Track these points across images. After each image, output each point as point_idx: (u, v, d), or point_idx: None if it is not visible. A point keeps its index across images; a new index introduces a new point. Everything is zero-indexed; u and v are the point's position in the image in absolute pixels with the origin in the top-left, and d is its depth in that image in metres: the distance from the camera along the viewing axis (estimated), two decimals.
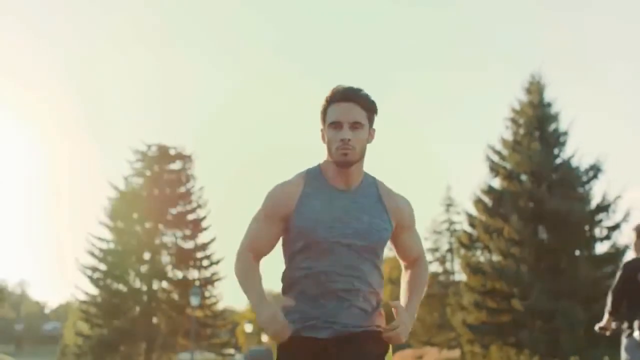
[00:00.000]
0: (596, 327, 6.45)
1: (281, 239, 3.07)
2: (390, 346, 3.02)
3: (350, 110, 2.95)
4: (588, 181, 29.05)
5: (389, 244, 3.11)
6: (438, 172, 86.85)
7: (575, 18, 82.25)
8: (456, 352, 37.74)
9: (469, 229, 31.01)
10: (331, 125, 2.97)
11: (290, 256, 3.04)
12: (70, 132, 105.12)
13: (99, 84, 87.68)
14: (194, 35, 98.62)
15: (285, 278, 3.06)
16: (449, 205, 42.26)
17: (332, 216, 2.96)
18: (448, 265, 42.43)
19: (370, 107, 3.00)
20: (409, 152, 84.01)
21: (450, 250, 41.84)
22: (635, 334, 6.00)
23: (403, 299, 3.09)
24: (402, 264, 3.23)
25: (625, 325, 6.18)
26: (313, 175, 3.06)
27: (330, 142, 2.97)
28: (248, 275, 3.04)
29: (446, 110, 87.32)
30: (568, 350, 26.93)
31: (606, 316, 6.36)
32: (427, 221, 42.70)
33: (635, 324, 6.02)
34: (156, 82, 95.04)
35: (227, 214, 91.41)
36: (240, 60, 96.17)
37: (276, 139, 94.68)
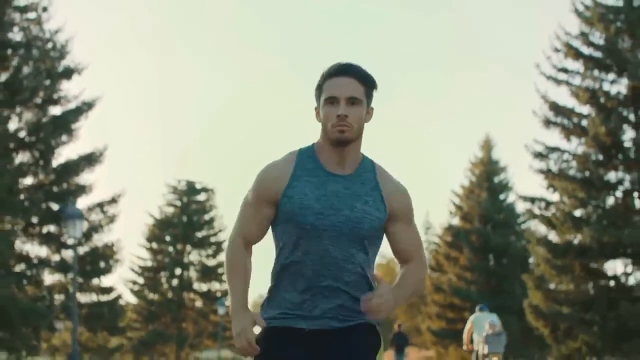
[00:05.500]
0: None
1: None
2: (382, 344, 3.08)
3: (347, 85, 2.92)
4: (525, 221, 40.45)
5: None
6: (435, 174, 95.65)
7: None
8: (432, 352, 49.27)
9: (435, 254, 42.68)
10: (327, 100, 2.93)
11: (277, 243, 3.05)
12: None
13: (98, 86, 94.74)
14: (194, 39, 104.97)
15: (275, 265, 3.05)
16: (428, 228, 53.76)
17: (322, 202, 2.93)
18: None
19: (368, 82, 2.97)
20: (405, 156, 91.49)
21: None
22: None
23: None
24: (398, 262, 3.13)
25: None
26: (306, 156, 3.02)
27: (326, 119, 2.93)
28: (235, 271, 3.02)
29: (444, 112, 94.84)
30: (507, 351, 38.45)
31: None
32: None
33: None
34: (155, 86, 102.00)
35: None
36: (241, 65, 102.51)
37: (281, 146, 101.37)
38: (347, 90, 2.91)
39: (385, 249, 3.07)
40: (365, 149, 3.05)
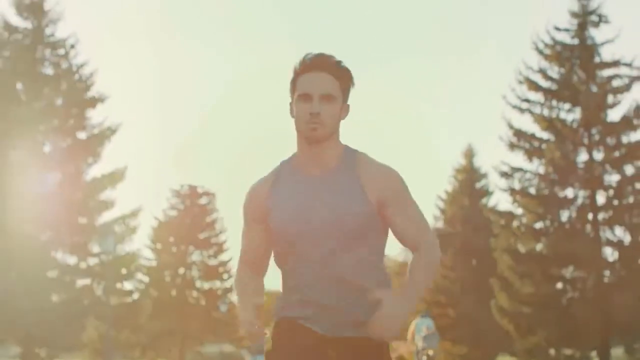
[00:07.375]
0: None
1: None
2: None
3: (320, 81, 2.86)
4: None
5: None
6: (429, 162, 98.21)
7: None
8: None
9: None
10: (300, 97, 2.89)
11: (274, 259, 3.07)
12: None
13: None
14: (197, 27, 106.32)
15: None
16: None
17: (299, 208, 2.92)
18: None
19: (343, 77, 2.91)
20: (401, 140, 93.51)
21: None
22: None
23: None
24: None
25: None
26: (285, 166, 3.01)
27: (299, 116, 2.90)
28: (241, 291, 3.04)
29: (429, 115, 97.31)
30: (487, 343, 42.99)
31: None
32: None
33: None
34: (157, 74, 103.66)
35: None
36: (243, 52, 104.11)
37: (284, 142, 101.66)
38: (321, 86, 2.86)
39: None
40: (354, 144, 3.02)
